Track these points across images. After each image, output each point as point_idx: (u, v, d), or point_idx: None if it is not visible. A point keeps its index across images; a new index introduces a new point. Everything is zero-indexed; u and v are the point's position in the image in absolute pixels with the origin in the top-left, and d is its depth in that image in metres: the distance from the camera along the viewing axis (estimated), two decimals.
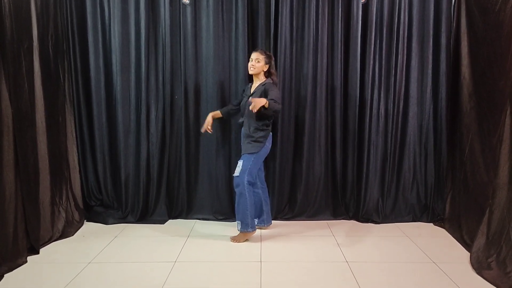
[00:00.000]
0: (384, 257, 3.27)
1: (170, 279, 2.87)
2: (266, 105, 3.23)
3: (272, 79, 3.57)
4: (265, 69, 3.56)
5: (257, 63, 3.52)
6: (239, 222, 3.54)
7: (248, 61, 3.60)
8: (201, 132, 3.85)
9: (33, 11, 3.38)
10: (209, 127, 3.74)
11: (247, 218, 3.51)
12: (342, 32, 4.00)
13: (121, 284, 2.81)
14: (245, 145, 3.56)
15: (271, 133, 3.63)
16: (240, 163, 3.50)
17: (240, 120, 3.68)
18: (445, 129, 4.08)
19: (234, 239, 3.58)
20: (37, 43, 3.43)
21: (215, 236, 3.71)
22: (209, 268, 3.06)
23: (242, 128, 3.65)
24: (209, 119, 3.74)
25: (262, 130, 3.52)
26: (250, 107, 3.22)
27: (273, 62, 3.61)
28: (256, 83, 3.60)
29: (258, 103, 3.19)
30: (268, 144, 3.60)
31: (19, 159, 3.12)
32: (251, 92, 3.59)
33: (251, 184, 3.55)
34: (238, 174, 3.47)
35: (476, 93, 3.60)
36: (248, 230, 3.53)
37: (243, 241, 3.56)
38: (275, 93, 3.43)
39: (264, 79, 3.58)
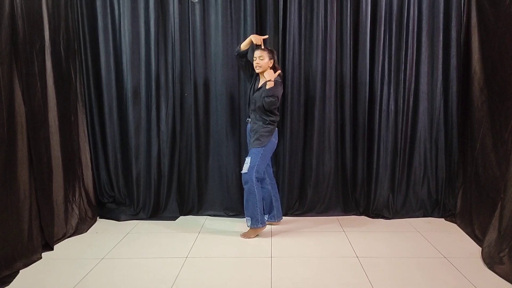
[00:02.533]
0: (394, 252, 3.27)
1: (182, 275, 2.90)
2: (272, 81, 3.39)
3: (279, 75, 3.56)
4: (271, 65, 3.55)
5: (261, 60, 3.51)
6: (249, 218, 3.56)
7: None
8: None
9: (45, 11, 3.43)
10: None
11: (257, 214, 3.52)
12: (351, 27, 3.99)
13: (133, 280, 2.85)
14: (252, 140, 3.57)
15: (277, 129, 3.64)
16: (247, 159, 3.51)
17: (248, 119, 3.71)
18: (456, 124, 4.05)
19: (245, 235, 3.60)
20: (49, 43, 3.49)
21: (225, 232, 3.74)
22: (220, 264, 3.09)
23: (248, 124, 3.68)
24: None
25: (268, 125, 3.52)
26: (268, 85, 3.35)
27: (275, 57, 3.59)
28: (263, 79, 3.58)
29: (271, 76, 3.39)
30: (275, 139, 3.61)
31: (33, 157, 3.18)
32: (259, 86, 3.57)
33: (260, 180, 3.57)
34: (246, 171, 3.48)
35: (487, 87, 3.57)
36: (258, 226, 3.55)
37: (254, 237, 3.58)
38: (273, 88, 3.42)
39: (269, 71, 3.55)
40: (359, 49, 4.02)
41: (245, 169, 3.49)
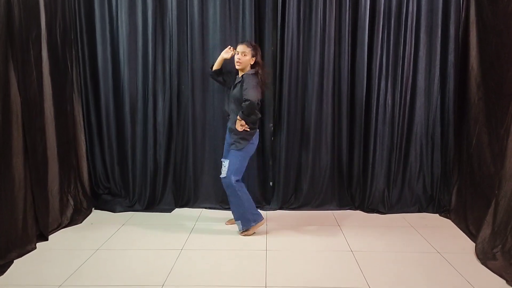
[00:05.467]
0: (389, 247, 3.28)
1: (177, 267, 2.91)
2: (246, 128, 3.32)
3: (257, 71, 3.43)
4: (252, 62, 3.44)
5: (243, 56, 3.40)
6: (239, 222, 3.49)
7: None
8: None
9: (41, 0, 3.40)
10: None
11: (246, 215, 3.46)
12: (350, 23, 3.98)
13: (128, 271, 2.85)
14: (232, 139, 3.45)
15: (258, 130, 3.53)
16: (226, 162, 3.41)
17: (225, 109, 3.59)
18: (453, 120, 4.06)
19: (243, 233, 3.52)
20: (45, 32, 3.46)
21: (221, 225, 3.75)
22: (215, 256, 3.10)
23: (228, 122, 3.55)
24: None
25: (248, 127, 3.39)
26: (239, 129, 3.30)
27: (259, 53, 3.49)
28: (240, 74, 3.48)
29: (239, 127, 3.30)
30: (255, 141, 3.51)
31: (28, 147, 3.16)
32: (235, 83, 3.48)
33: (239, 181, 3.47)
34: (225, 175, 3.39)
35: (484, 84, 3.58)
36: (251, 225, 3.49)
37: (252, 234, 3.52)
38: (250, 92, 3.27)
39: (248, 69, 3.47)
40: (357, 44, 4.01)
41: (223, 173, 3.41)
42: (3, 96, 2.90)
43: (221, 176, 3.44)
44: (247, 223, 3.49)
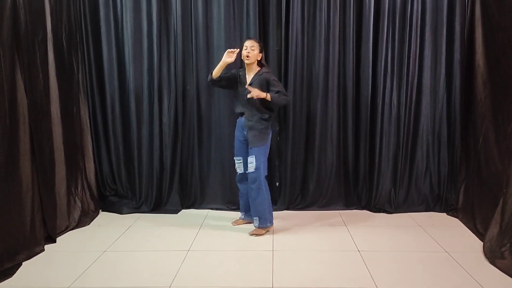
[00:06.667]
0: (396, 247, 3.27)
1: (184, 268, 2.91)
2: (268, 98, 3.26)
3: (268, 69, 3.48)
4: (259, 58, 3.45)
5: (252, 51, 3.39)
6: (256, 218, 3.49)
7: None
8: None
9: (47, 3, 3.42)
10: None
11: (265, 213, 3.48)
12: (354, 21, 3.97)
13: (135, 272, 2.86)
14: (252, 137, 3.45)
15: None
16: (252, 159, 3.42)
17: (239, 110, 3.55)
18: (459, 118, 4.03)
19: (255, 233, 3.52)
20: (51, 35, 3.48)
21: (227, 226, 3.75)
22: (222, 257, 3.10)
23: (242, 119, 3.53)
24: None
25: (266, 120, 3.45)
26: (249, 95, 3.22)
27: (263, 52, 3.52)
28: (250, 73, 3.47)
29: (257, 93, 3.22)
30: (271, 134, 3.56)
31: (35, 149, 3.18)
32: (248, 82, 3.44)
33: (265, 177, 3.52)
34: (253, 170, 3.41)
35: (491, 81, 3.56)
36: (267, 225, 3.51)
37: (262, 234, 3.51)
38: (280, 85, 3.41)
39: (257, 69, 3.47)
40: (362, 43, 4.00)
41: (251, 168, 3.42)
42: (10, 98, 2.92)
43: (249, 171, 3.44)
44: (264, 222, 3.50)
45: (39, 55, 3.28)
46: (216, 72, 3.50)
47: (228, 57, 3.44)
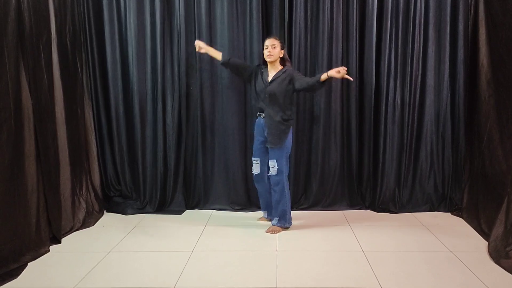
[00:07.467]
0: (400, 247, 3.27)
1: (188, 268, 2.92)
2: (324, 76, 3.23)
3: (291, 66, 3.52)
4: (281, 55, 3.47)
5: (273, 49, 3.40)
6: (277, 218, 3.54)
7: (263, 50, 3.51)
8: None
9: (51, 4, 3.44)
10: (201, 48, 3.62)
11: (286, 214, 3.53)
12: (357, 20, 3.97)
13: (139, 273, 2.86)
14: (271, 137, 3.43)
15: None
16: (273, 163, 3.43)
17: (260, 114, 3.53)
18: (463, 118, 4.02)
19: (271, 230, 3.55)
20: (55, 36, 3.50)
21: (231, 226, 3.75)
22: (226, 257, 3.10)
23: (263, 119, 3.50)
24: (204, 45, 3.63)
25: (288, 120, 3.43)
26: (339, 76, 3.17)
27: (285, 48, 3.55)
28: (272, 71, 3.48)
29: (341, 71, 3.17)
30: (291, 134, 3.55)
31: (40, 150, 3.20)
32: (270, 79, 3.45)
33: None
34: (275, 173, 3.43)
35: (495, 80, 3.54)
36: (286, 225, 3.57)
37: (278, 232, 3.55)
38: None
39: (280, 67, 3.50)
40: (365, 43, 4.00)
41: (274, 171, 3.44)
42: (14, 100, 2.93)
43: (271, 174, 3.46)
44: (284, 222, 3.55)
45: (44, 57, 3.29)
46: (217, 54, 3.64)
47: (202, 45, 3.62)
